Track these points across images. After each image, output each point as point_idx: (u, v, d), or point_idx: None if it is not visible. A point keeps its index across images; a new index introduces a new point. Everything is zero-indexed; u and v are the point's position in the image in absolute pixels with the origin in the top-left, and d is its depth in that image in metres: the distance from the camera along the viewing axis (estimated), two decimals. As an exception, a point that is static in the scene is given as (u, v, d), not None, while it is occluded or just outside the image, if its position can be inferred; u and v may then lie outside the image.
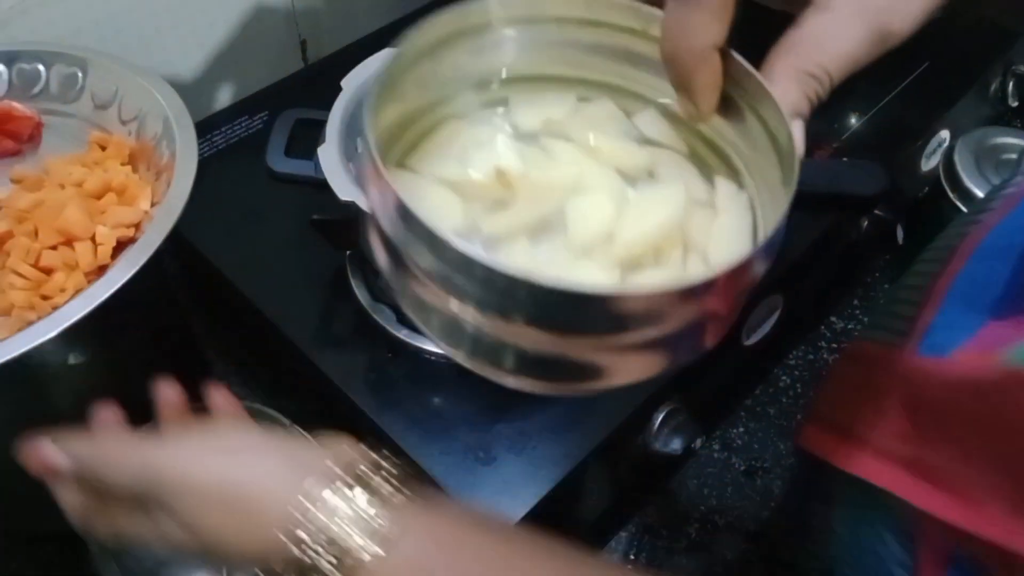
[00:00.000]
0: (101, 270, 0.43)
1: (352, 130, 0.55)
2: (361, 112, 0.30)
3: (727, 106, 0.32)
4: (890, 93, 0.75)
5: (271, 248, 0.63)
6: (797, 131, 0.29)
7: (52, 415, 0.48)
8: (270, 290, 0.60)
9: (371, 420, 0.53)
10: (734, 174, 0.33)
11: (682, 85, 0.31)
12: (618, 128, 0.34)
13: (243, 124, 0.72)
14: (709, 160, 0.34)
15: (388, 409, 0.54)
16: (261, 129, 0.72)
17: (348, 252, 0.61)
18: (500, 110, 0.35)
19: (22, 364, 0.38)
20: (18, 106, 0.51)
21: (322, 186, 0.50)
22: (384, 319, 0.58)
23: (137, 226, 0.45)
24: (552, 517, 0.52)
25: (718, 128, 0.33)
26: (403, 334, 0.57)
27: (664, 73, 0.32)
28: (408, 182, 0.33)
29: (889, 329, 0.44)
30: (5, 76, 0.52)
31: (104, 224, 0.44)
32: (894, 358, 0.41)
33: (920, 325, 0.40)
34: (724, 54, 0.30)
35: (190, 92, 0.70)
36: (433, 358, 0.57)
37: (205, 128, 0.71)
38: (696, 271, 0.31)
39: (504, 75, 0.35)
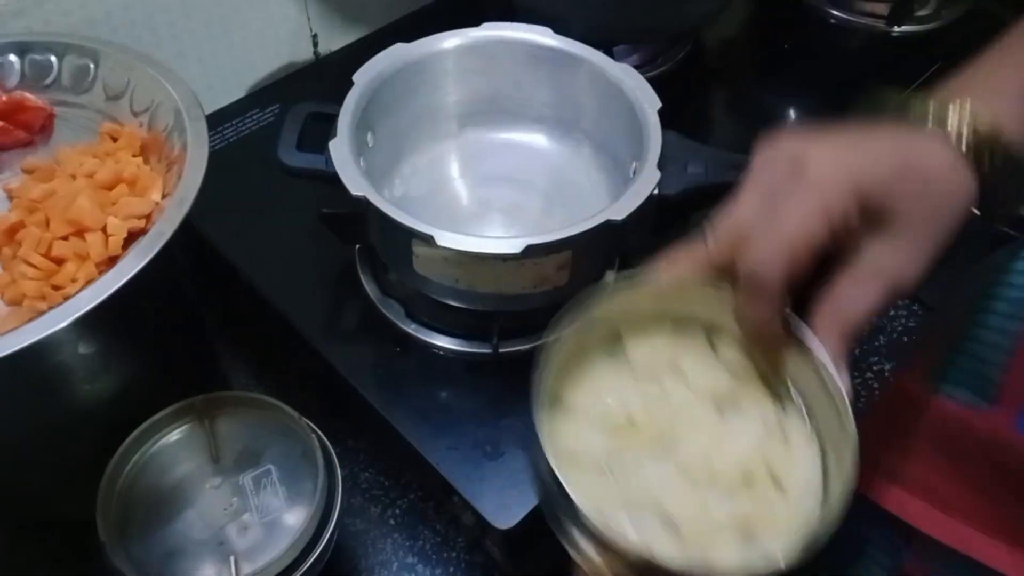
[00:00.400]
0: (112, 261, 0.44)
1: (363, 123, 0.55)
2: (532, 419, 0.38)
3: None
4: (901, 94, 0.75)
5: (281, 241, 0.63)
6: (844, 376, 0.37)
7: (63, 405, 0.49)
8: (280, 282, 0.60)
9: (379, 414, 0.53)
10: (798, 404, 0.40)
11: (756, 348, 0.40)
12: (708, 358, 0.42)
13: (254, 117, 0.72)
14: (777, 386, 0.41)
15: (396, 403, 0.54)
16: (272, 122, 0.72)
17: (357, 247, 0.61)
18: (619, 346, 0.42)
19: (33, 354, 0.38)
20: (30, 97, 0.52)
21: (333, 180, 0.50)
22: (393, 313, 0.58)
23: (148, 217, 0.45)
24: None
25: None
26: (411, 328, 0.57)
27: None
28: (561, 421, 0.40)
29: (965, 385, 0.45)
30: (17, 67, 0.53)
31: (115, 215, 0.44)
32: (977, 423, 0.43)
33: (1015, 395, 0.41)
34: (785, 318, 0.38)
35: (201, 85, 0.70)
36: (441, 353, 0.57)
37: (216, 121, 0.71)
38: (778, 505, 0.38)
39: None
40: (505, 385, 0.55)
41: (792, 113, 0.78)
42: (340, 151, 0.51)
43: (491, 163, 0.62)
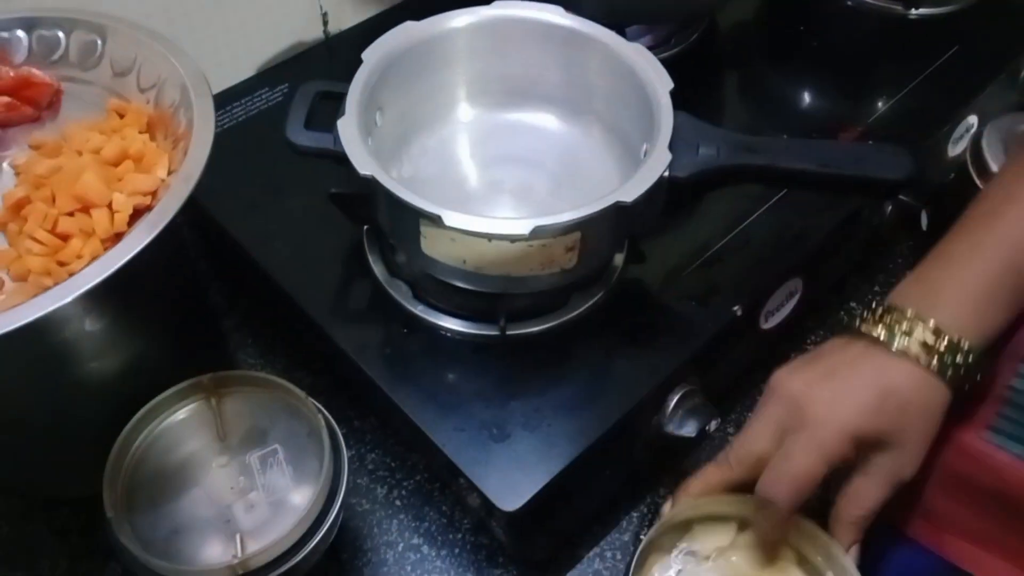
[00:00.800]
0: (118, 237, 0.43)
1: (372, 102, 0.55)
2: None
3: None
4: (918, 77, 0.74)
5: (289, 220, 0.62)
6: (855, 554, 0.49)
7: (70, 381, 0.49)
8: (288, 262, 0.60)
9: (385, 394, 0.53)
10: None
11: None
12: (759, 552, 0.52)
13: (263, 96, 0.72)
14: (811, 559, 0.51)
15: (402, 384, 0.54)
16: (281, 101, 0.71)
17: (365, 227, 0.61)
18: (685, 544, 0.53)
19: (39, 329, 0.38)
20: (37, 72, 0.51)
21: (341, 159, 0.50)
22: (400, 294, 0.58)
23: (154, 194, 0.45)
24: (565, 495, 0.52)
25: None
26: (419, 310, 0.57)
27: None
28: None
29: (1016, 439, 0.48)
30: (25, 42, 0.52)
31: (121, 191, 0.44)
32: None
33: None
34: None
35: (210, 63, 0.70)
36: (448, 335, 0.56)
37: (225, 100, 0.71)
38: None
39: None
40: (512, 367, 0.55)
41: (807, 96, 0.76)
42: (348, 130, 0.50)
43: (501, 143, 0.62)
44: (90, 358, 0.48)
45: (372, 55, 0.55)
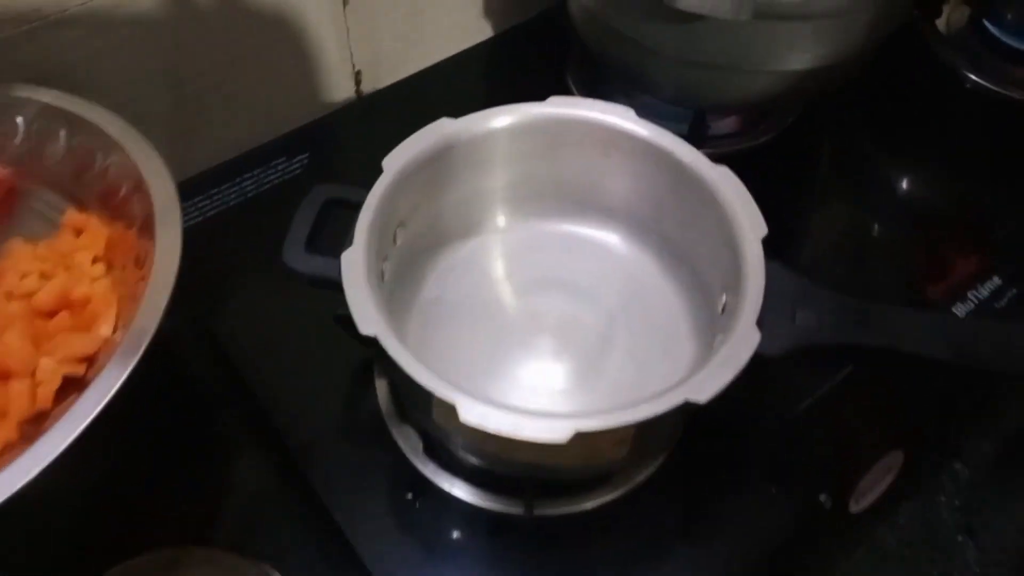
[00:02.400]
0: (39, 418, 0.34)
1: (391, 218, 0.44)
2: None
3: None
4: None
5: (287, 327, 0.53)
6: None
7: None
8: (276, 381, 0.50)
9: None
10: None
11: None
12: None
13: (279, 168, 0.62)
14: None
15: (400, 568, 0.44)
16: (299, 175, 0.62)
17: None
18: None
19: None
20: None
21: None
22: (408, 446, 0.48)
23: (92, 359, 0.35)
24: None
25: None
26: (428, 470, 0.47)
27: None
28: None
29: None
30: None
31: (51, 354, 0.34)
32: None
33: None
34: None
35: (222, 127, 0.60)
36: (462, 507, 0.46)
37: (234, 170, 0.61)
38: None
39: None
40: (539, 556, 0.45)
41: (919, 205, 0.64)
42: (354, 268, 0.40)
43: (544, 263, 0.51)
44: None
45: (394, 162, 0.44)
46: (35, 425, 0.32)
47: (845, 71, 0.54)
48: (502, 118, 0.47)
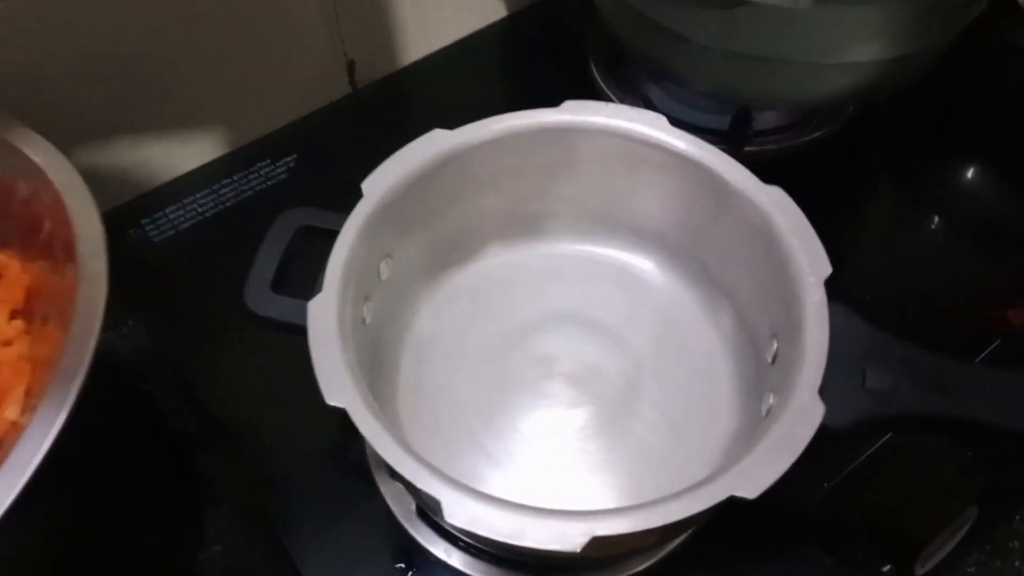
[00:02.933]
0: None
1: (374, 250, 0.37)
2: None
3: None
4: None
5: (263, 364, 0.46)
6: None
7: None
8: (257, 427, 0.44)
9: None
10: None
11: None
12: None
13: (262, 172, 0.55)
14: None
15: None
16: (285, 179, 0.55)
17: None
18: None
19: None
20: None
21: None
22: (400, 506, 0.41)
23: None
24: None
25: None
26: (423, 536, 0.40)
27: None
28: None
29: None
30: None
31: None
32: None
33: None
34: None
35: (196, 126, 0.53)
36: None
37: (212, 175, 0.55)
38: None
39: None
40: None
41: (1005, 206, 0.55)
42: (322, 320, 0.33)
43: (558, 294, 0.44)
44: None
45: (377, 185, 0.37)
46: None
47: (918, 64, 0.46)
48: (506, 127, 0.39)
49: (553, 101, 0.40)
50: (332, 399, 0.31)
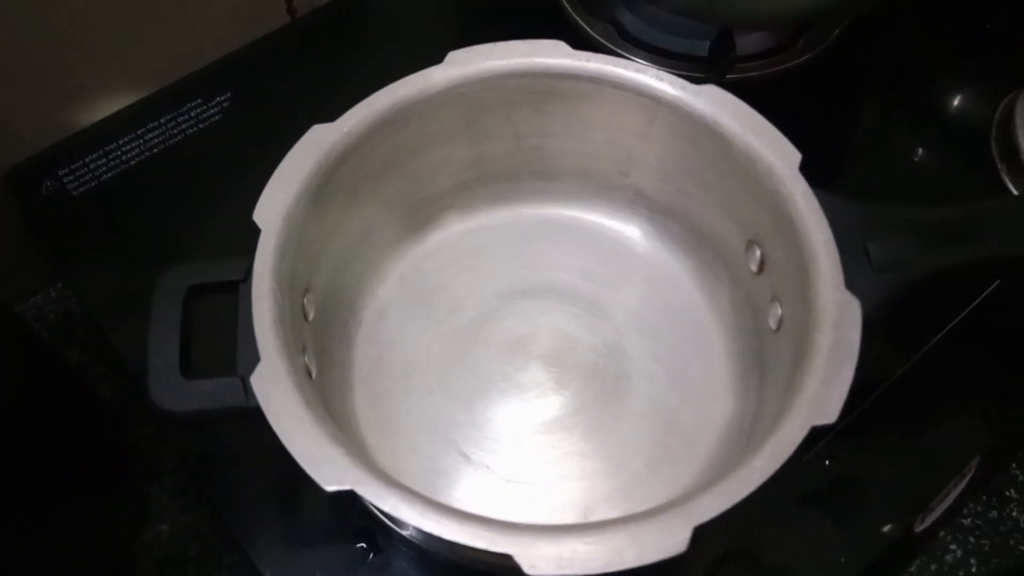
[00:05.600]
0: None
1: (292, 296, 0.31)
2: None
3: None
4: None
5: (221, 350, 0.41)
6: None
7: None
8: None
9: None
10: None
11: None
12: None
13: (193, 113, 0.50)
14: None
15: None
16: (218, 121, 0.50)
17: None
18: None
19: None
20: None
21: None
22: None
23: None
24: None
25: None
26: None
27: None
28: None
29: None
30: None
31: None
32: None
33: None
34: None
35: (113, 63, 0.48)
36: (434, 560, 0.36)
37: (137, 119, 0.49)
38: None
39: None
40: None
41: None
42: (278, 397, 0.27)
43: (525, 264, 0.39)
44: None
45: (271, 211, 0.31)
46: None
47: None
48: (392, 102, 0.34)
49: (516, 28, 0.35)
50: (332, 485, 0.26)
